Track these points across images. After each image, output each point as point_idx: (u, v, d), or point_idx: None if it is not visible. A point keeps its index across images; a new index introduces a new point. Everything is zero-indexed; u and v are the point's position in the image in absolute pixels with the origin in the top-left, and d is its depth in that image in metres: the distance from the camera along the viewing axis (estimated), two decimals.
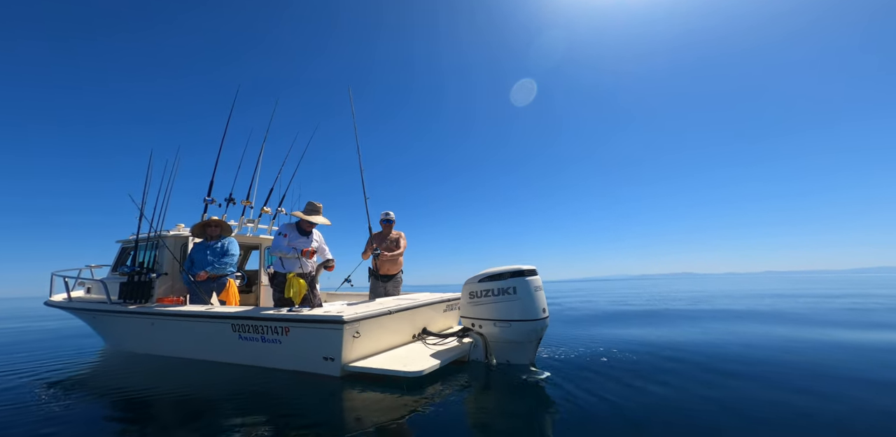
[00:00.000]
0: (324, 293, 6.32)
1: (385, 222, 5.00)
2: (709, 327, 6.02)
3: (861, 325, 5.91)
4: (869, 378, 3.07)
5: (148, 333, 4.59)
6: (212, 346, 4.04)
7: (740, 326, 6.14)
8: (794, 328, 5.68)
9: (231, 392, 3.19)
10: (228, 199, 5.48)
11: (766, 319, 6.97)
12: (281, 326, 3.46)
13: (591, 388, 2.94)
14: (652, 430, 2.20)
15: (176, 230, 5.39)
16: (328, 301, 6.09)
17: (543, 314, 3.39)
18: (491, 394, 2.98)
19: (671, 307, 9.87)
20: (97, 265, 6.56)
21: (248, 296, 6.22)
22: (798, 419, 2.29)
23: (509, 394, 2.93)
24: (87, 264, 6.61)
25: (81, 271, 6.55)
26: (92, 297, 5.99)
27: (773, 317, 7.22)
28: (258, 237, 6.18)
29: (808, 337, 4.90)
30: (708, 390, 2.87)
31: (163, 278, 5.00)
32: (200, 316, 4.01)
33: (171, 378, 3.74)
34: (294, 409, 2.74)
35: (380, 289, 4.88)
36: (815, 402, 2.57)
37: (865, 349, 4.11)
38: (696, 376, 3.24)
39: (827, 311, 8.01)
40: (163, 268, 5.04)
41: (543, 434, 2.20)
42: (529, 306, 3.35)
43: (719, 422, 2.29)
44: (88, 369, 4.47)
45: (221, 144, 5.37)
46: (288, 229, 4.18)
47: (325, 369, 3.31)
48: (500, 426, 2.36)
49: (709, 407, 2.52)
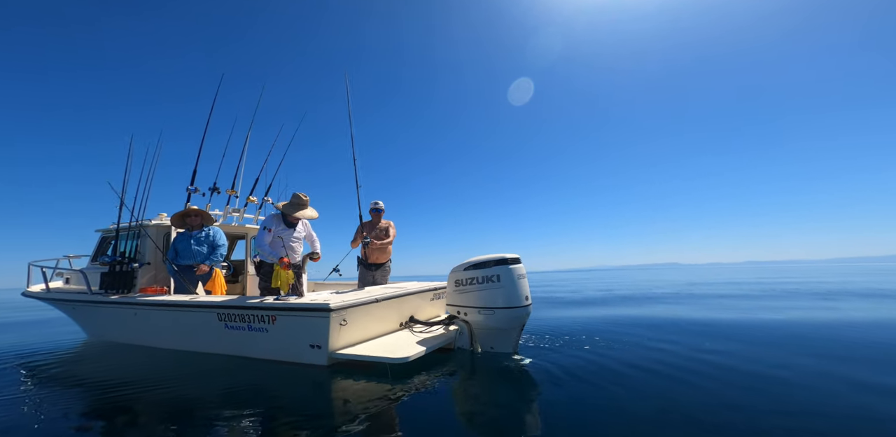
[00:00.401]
0: (311, 283, 6.32)
1: (374, 211, 5.01)
2: (692, 313, 6.27)
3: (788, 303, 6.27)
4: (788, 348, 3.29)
5: (131, 323, 4.55)
6: (197, 336, 4.04)
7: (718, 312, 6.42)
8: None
9: (217, 383, 3.20)
10: (213, 188, 5.39)
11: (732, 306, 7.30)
12: (268, 314, 3.48)
13: (572, 372, 3.05)
14: (631, 412, 2.30)
15: (158, 219, 5.30)
16: (316, 291, 6.10)
17: (526, 302, 3.48)
18: (475, 381, 3.06)
19: (655, 294, 10.21)
20: (76, 255, 6.41)
21: (234, 286, 6.19)
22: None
23: (493, 381, 3.02)
24: (66, 254, 6.46)
25: (59, 261, 6.40)
26: (71, 287, 5.88)
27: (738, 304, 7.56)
28: (244, 227, 6.12)
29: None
30: (689, 375, 2.98)
31: (145, 268, 4.94)
32: (186, 306, 4.00)
33: (155, 369, 3.72)
34: (282, 399, 2.75)
35: (368, 278, 4.91)
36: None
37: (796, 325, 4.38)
38: (675, 361, 3.38)
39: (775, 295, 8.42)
40: (145, 258, 4.98)
41: (525, 420, 2.27)
42: (513, 294, 3.44)
43: (696, 404, 2.42)
44: (68, 360, 4.42)
45: (205, 132, 5.26)
46: (274, 221, 4.12)
47: (311, 357, 3.36)
48: (483, 411, 2.43)
49: (687, 390, 2.63)
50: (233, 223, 6.04)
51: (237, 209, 5.92)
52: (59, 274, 6.23)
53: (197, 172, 5.20)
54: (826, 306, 6.98)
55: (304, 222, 4.37)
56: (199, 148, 5.25)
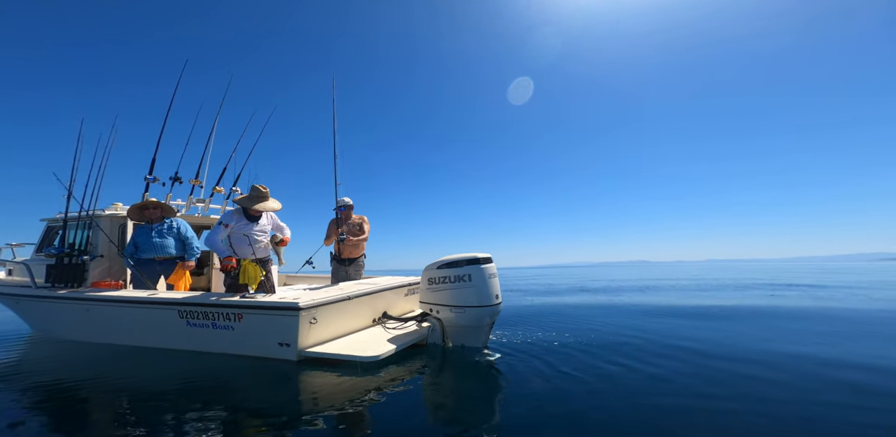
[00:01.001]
0: (283, 276, 6.17)
1: (342, 208, 4.91)
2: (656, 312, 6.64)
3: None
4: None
5: (83, 320, 4.29)
6: (157, 333, 3.87)
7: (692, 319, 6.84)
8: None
9: (178, 379, 3.10)
10: (174, 178, 5.10)
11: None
12: (234, 312, 3.38)
13: (539, 367, 3.15)
14: (588, 401, 2.43)
15: (112, 209, 4.97)
16: (288, 284, 5.95)
17: (496, 300, 3.56)
18: (445, 375, 3.13)
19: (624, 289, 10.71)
20: (18, 244, 5.94)
21: (199, 279, 5.94)
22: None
23: (462, 375, 3.10)
24: (8, 243, 5.97)
25: (2, 251, 5.91)
26: (14, 279, 5.45)
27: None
28: (209, 218, 5.86)
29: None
30: (648, 367, 3.17)
31: (98, 261, 4.65)
32: (144, 302, 3.80)
33: (111, 366, 3.55)
34: (248, 394, 2.73)
35: (342, 273, 4.86)
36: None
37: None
38: (640, 355, 3.57)
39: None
40: (97, 250, 4.68)
41: (493, 411, 2.36)
42: (483, 293, 3.50)
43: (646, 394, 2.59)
44: (13, 358, 4.13)
45: (166, 118, 4.94)
46: (234, 217, 3.88)
47: (280, 354, 3.30)
48: (452, 404, 2.51)
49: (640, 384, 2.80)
50: (196, 214, 5.77)
51: (202, 200, 5.65)
52: (1, 264, 5.77)
53: (156, 160, 4.91)
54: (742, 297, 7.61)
55: (270, 215, 4.19)
56: (160, 134, 4.93)
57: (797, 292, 9.51)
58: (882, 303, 7.26)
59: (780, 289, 10.53)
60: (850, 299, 7.87)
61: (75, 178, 4.65)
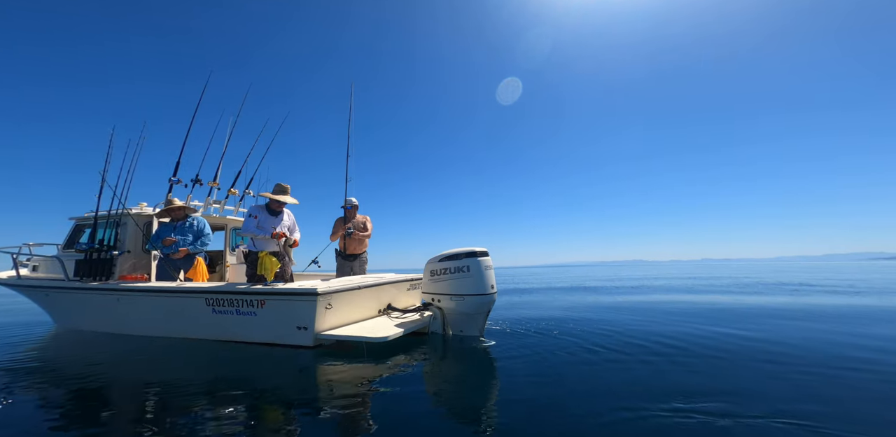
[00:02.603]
0: (292, 274, 6.55)
1: (349, 208, 5.32)
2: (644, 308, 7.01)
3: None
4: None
5: (113, 309, 4.65)
6: (184, 321, 4.23)
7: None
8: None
9: (203, 370, 3.32)
10: (195, 179, 5.54)
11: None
12: (257, 299, 3.76)
13: (531, 352, 3.52)
14: (575, 383, 2.73)
15: (138, 209, 5.37)
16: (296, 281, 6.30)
17: (492, 290, 3.95)
18: (446, 361, 3.46)
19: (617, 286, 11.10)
20: (35, 244, 6.29)
21: (211, 276, 6.31)
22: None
23: (461, 361, 3.44)
24: (25, 243, 6.32)
25: (21, 249, 6.26)
26: (40, 275, 5.81)
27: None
28: (224, 218, 6.25)
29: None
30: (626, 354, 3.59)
31: (125, 256, 5.03)
32: (174, 291, 4.18)
33: (137, 359, 3.75)
34: (268, 383, 2.89)
35: (346, 268, 5.23)
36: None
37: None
38: (617, 346, 3.95)
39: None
40: (125, 246, 5.06)
41: (488, 393, 2.63)
42: (480, 283, 3.89)
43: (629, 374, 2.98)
44: (41, 350, 4.36)
45: (190, 126, 5.41)
46: (258, 211, 4.35)
47: (298, 338, 3.67)
48: (453, 387, 2.77)
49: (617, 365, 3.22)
50: (212, 214, 6.17)
51: (218, 201, 6.05)
52: (23, 262, 6.11)
53: (180, 163, 5.35)
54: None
55: (289, 213, 4.62)
56: (184, 141, 5.38)
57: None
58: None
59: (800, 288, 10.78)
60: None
61: (106, 178, 5.07)
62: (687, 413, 2.14)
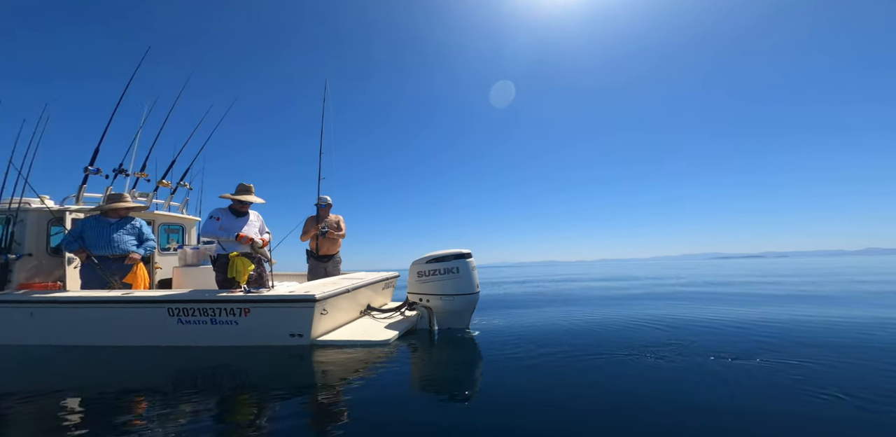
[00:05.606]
0: None
1: (323, 206, 5.11)
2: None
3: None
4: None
5: (25, 325, 3.66)
6: (138, 333, 3.59)
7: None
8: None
9: (173, 370, 3.06)
10: (118, 169, 4.69)
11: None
12: (239, 307, 3.44)
13: (511, 339, 3.87)
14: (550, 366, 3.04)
15: (39, 203, 4.31)
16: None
17: (478, 289, 4.27)
18: (437, 350, 3.64)
19: None
20: None
21: None
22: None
23: (448, 348, 3.67)
24: None
25: None
26: None
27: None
28: (152, 213, 5.37)
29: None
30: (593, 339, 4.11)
31: (25, 260, 4.02)
32: (121, 302, 3.51)
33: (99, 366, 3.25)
34: (253, 378, 2.81)
35: (320, 269, 5.01)
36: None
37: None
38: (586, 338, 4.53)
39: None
40: (24, 248, 4.05)
41: (474, 377, 2.81)
42: (468, 283, 4.16)
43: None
44: None
45: (116, 108, 4.56)
46: (220, 213, 3.99)
47: (290, 344, 3.48)
48: (444, 373, 2.95)
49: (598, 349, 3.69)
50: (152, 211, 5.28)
51: (144, 194, 5.19)
52: None
53: (100, 150, 4.48)
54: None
55: (257, 214, 4.28)
56: (107, 124, 4.54)
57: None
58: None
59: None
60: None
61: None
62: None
